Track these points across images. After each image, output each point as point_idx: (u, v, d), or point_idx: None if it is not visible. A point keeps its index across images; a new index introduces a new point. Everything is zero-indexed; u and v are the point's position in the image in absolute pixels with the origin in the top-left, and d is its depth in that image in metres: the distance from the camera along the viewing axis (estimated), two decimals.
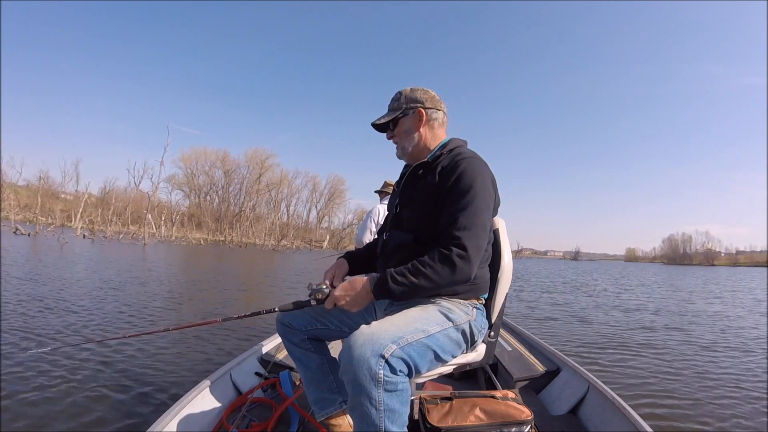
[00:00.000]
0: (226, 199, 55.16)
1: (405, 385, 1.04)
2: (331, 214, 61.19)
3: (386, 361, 0.99)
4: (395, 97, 1.39)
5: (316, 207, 60.74)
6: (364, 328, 1.05)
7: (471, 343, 1.27)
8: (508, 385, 2.01)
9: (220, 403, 1.71)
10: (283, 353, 2.15)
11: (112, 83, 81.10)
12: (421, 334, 1.10)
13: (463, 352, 1.28)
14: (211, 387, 1.72)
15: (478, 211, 1.18)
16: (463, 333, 1.23)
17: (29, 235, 21.34)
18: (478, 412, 1.31)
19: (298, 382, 1.90)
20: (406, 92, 1.38)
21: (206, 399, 1.67)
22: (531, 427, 1.30)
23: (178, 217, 41.72)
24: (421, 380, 1.28)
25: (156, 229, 34.61)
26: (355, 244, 3.14)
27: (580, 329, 5.40)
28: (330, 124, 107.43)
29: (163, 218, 37.65)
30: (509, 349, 2.44)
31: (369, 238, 3.05)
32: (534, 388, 2.04)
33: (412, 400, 1.35)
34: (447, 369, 1.29)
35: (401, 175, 1.50)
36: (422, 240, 1.26)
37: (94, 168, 74.77)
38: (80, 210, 32.45)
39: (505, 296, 1.41)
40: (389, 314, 1.19)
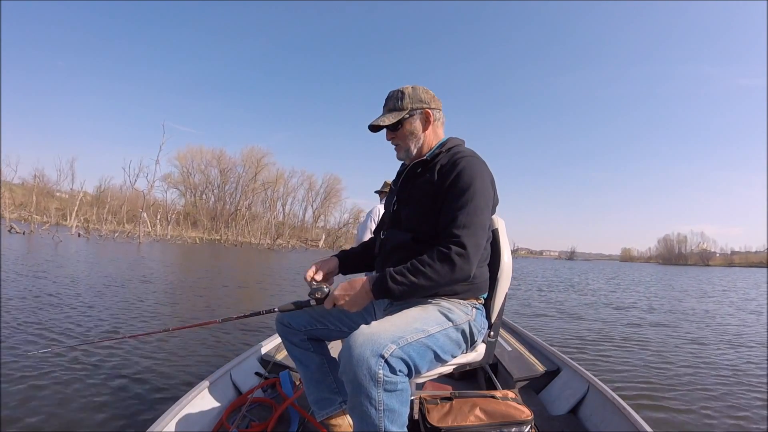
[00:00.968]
0: (222, 197, 55.00)
1: (405, 385, 1.04)
2: (327, 214, 61.21)
3: (386, 361, 0.99)
4: (395, 96, 1.32)
5: (312, 206, 60.75)
6: (363, 328, 1.05)
7: (471, 343, 1.27)
8: (508, 385, 2.01)
9: (220, 403, 1.70)
10: (283, 353, 2.14)
11: (107, 82, 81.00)
12: (421, 334, 1.10)
13: (463, 352, 1.27)
14: (211, 387, 1.71)
15: (478, 209, 1.18)
16: (463, 333, 1.22)
17: (24, 234, 21.20)
18: (478, 412, 1.31)
19: (298, 382, 1.89)
20: (408, 92, 1.32)
21: (206, 399, 1.67)
22: (531, 427, 1.30)
23: (173, 216, 41.43)
24: (421, 380, 1.28)
25: (151, 227, 34.48)
26: (355, 245, 3.13)
27: (580, 329, 5.42)
28: (326, 124, 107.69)
29: (159, 217, 37.50)
30: (509, 349, 2.44)
31: (369, 237, 3.05)
32: (534, 388, 2.04)
33: (412, 400, 1.35)
34: (447, 369, 1.29)
35: (398, 174, 1.47)
36: (420, 239, 1.24)
37: (89, 166, 74.95)
38: (75, 208, 32.26)
39: (505, 296, 1.40)
40: (389, 314, 1.19)
